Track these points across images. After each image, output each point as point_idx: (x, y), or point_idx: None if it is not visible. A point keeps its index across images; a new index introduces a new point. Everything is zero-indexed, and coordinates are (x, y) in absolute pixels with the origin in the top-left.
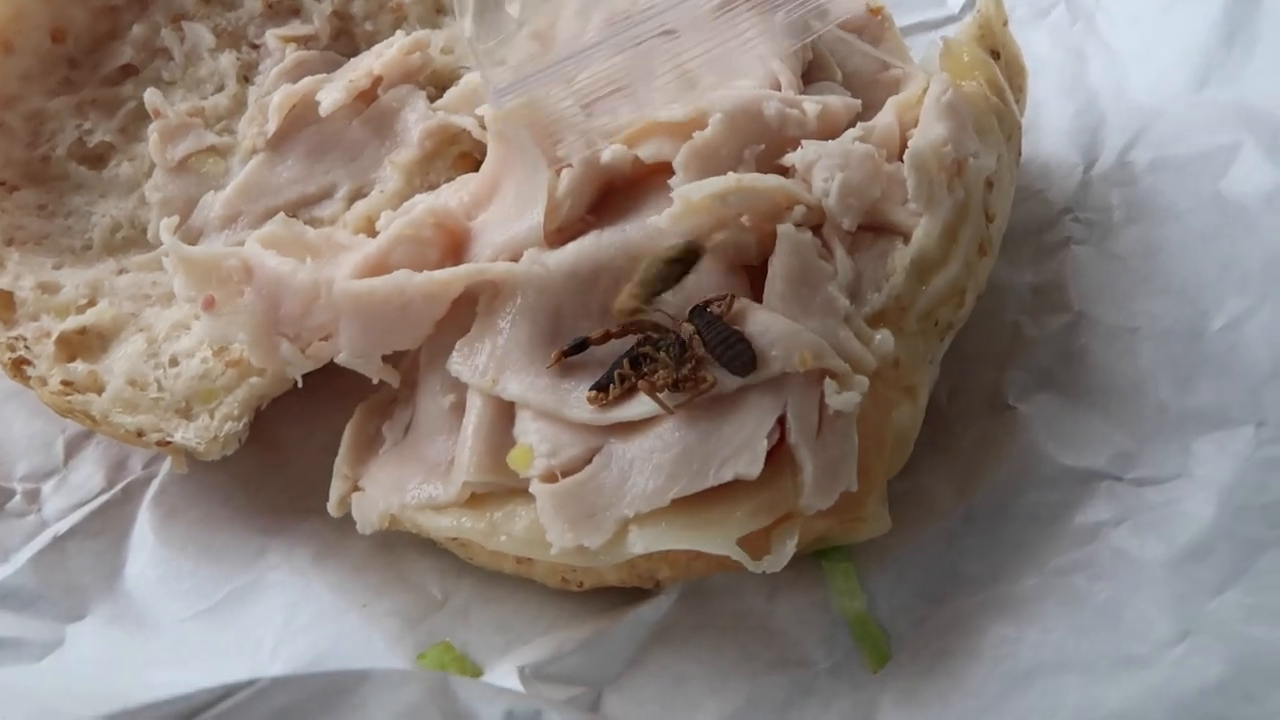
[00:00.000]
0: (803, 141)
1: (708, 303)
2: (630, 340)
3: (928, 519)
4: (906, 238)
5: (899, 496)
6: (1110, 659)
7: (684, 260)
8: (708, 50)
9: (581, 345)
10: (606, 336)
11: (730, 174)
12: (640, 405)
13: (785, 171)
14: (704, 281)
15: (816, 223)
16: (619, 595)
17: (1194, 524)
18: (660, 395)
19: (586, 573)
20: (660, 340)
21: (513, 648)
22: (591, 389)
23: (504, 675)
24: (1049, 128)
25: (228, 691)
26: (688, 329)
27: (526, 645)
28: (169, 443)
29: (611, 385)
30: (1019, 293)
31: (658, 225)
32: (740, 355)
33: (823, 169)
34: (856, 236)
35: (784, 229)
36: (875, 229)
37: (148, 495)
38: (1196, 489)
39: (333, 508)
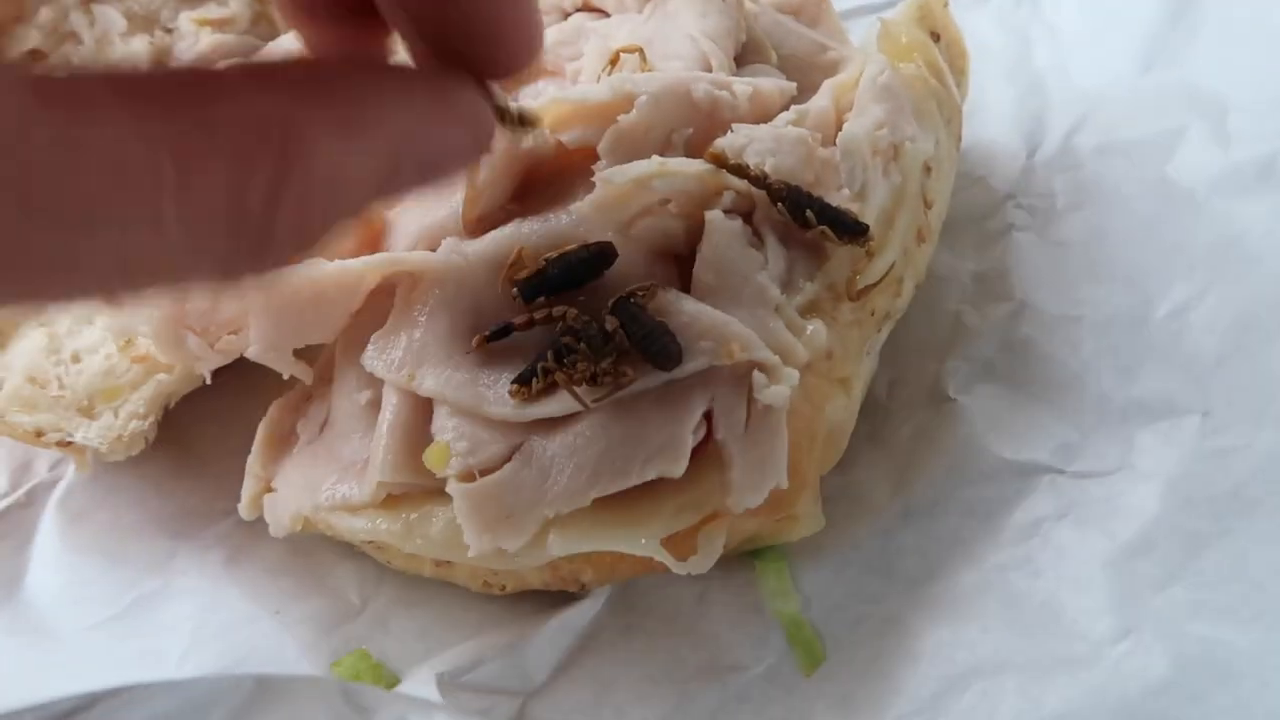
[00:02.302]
0: (733, 125)
1: (631, 293)
2: (556, 330)
3: (864, 516)
4: None
5: (834, 493)
6: (1050, 658)
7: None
8: (636, 30)
9: (505, 330)
10: (530, 322)
11: (655, 158)
12: (563, 400)
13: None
14: (628, 271)
15: (747, 209)
16: (546, 599)
17: (1137, 518)
18: (579, 389)
19: (508, 575)
20: (583, 331)
21: (433, 654)
22: (513, 383)
23: (422, 683)
24: (992, 112)
25: (94, 699)
26: (611, 321)
27: (447, 651)
28: (70, 443)
29: (534, 379)
30: (960, 281)
31: (580, 212)
32: (664, 348)
33: (753, 154)
34: (789, 223)
35: (712, 215)
36: None
37: (52, 499)
38: (1140, 482)
39: (244, 509)
